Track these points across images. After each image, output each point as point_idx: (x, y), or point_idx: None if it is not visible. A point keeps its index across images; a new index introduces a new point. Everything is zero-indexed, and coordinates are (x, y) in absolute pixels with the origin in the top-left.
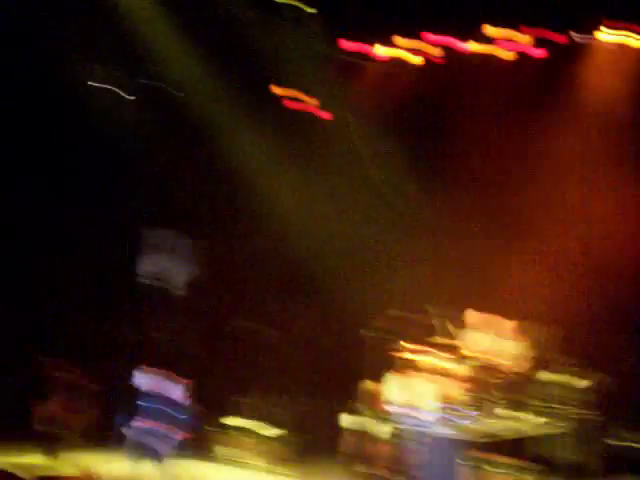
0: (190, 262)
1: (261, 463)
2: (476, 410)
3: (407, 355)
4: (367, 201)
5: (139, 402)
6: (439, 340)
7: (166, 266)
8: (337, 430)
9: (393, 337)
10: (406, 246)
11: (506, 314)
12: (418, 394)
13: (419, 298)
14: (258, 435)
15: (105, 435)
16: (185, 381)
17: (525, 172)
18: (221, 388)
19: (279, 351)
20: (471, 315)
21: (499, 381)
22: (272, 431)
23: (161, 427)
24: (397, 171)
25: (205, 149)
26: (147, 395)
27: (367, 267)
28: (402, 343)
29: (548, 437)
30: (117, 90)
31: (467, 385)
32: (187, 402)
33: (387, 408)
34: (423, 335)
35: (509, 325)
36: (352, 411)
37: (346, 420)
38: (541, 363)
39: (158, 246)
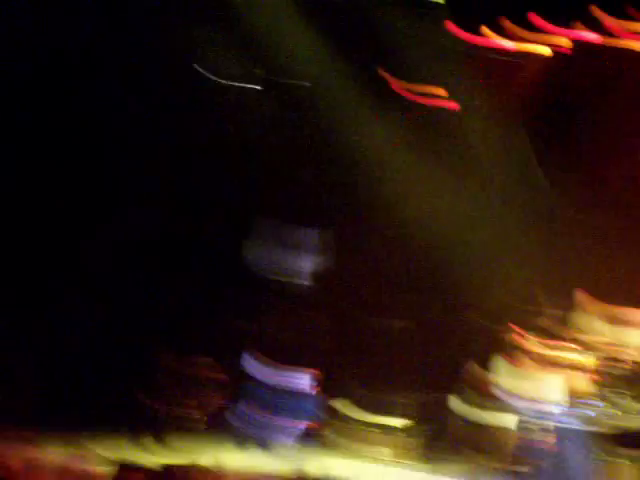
0: (315, 253)
1: (388, 456)
2: (602, 402)
3: (532, 347)
4: (496, 194)
5: (261, 394)
6: (564, 332)
7: (292, 258)
8: (459, 421)
9: (519, 329)
10: (534, 239)
11: (631, 304)
12: (543, 386)
13: (545, 290)
14: (385, 428)
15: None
16: (310, 371)
17: None
18: (348, 381)
19: (405, 343)
20: (595, 306)
21: (625, 372)
22: (398, 423)
23: (284, 419)
24: (527, 164)
25: (331, 140)
26: (269, 387)
27: (495, 260)
28: (527, 335)
29: None
30: (243, 85)
31: (592, 377)
32: (312, 392)
33: (509, 399)
34: (548, 327)
35: (634, 315)
36: (471, 402)
37: (464, 410)
38: None
39: (282, 238)
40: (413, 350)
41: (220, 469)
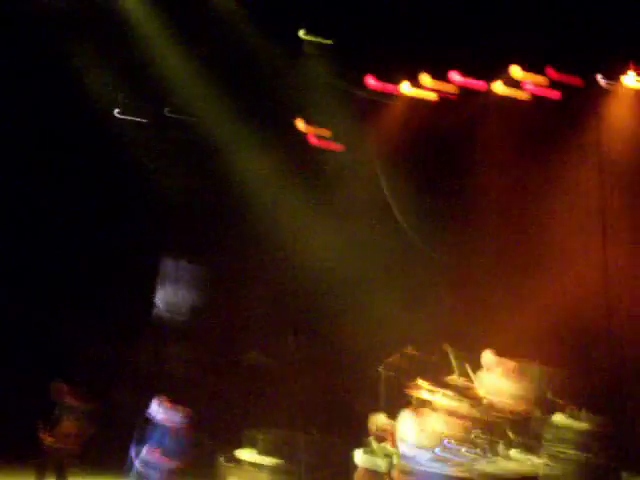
0: (193, 288)
1: None
2: (482, 450)
3: (421, 394)
4: (384, 238)
5: (148, 431)
6: (453, 380)
7: (173, 294)
8: (350, 466)
9: (408, 375)
10: (423, 284)
11: (511, 355)
12: (428, 433)
13: (435, 338)
14: (268, 469)
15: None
16: (183, 409)
17: (541, 211)
18: (233, 420)
19: (288, 384)
20: (486, 356)
21: (505, 421)
22: (282, 465)
23: (160, 456)
24: (416, 208)
25: (217, 176)
26: (153, 424)
27: (383, 304)
28: (417, 381)
29: (549, 478)
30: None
31: (474, 425)
32: (183, 430)
33: (399, 445)
34: (438, 374)
35: (512, 366)
36: (365, 448)
37: (359, 457)
38: (543, 404)
39: (168, 274)
40: (297, 393)
41: None
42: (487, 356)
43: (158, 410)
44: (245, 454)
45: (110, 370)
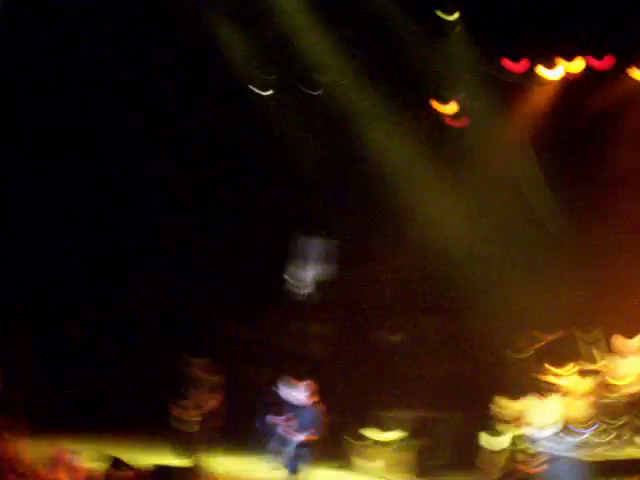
0: (323, 264)
1: (382, 470)
2: (608, 435)
3: (548, 377)
4: (517, 220)
5: (277, 407)
6: (581, 364)
7: (305, 269)
8: (475, 446)
9: (536, 359)
10: (555, 267)
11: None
12: (555, 417)
13: (565, 321)
14: (397, 447)
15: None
16: (311, 386)
17: None
18: (361, 399)
19: (418, 363)
20: (616, 340)
21: (633, 406)
22: (410, 444)
23: (291, 431)
24: (551, 191)
25: (351, 153)
26: (284, 401)
27: (514, 286)
28: (546, 365)
29: None
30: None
31: (601, 409)
32: (313, 405)
33: (525, 429)
34: (568, 358)
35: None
36: (492, 429)
37: (485, 439)
38: None
39: (299, 250)
40: (427, 371)
41: (213, 472)
42: (617, 340)
43: (287, 387)
44: (374, 433)
45: (240, 346)
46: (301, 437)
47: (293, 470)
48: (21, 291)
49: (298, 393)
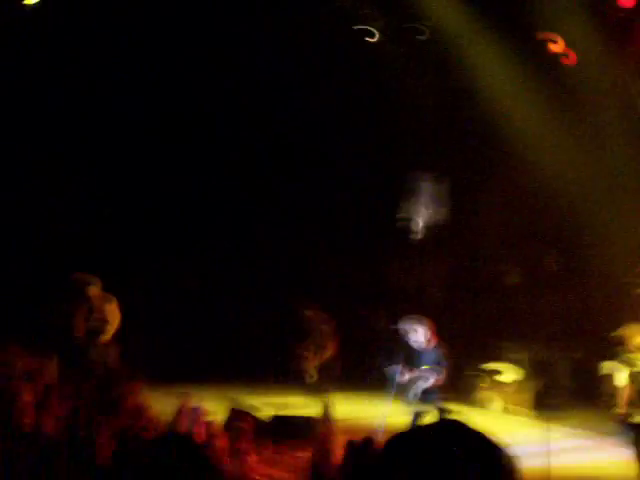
0: (434, 203)
1: (503, 407)
2: None
3: None
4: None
5: (398, 350)
6: None
7: (420, 210)
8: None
9: None
10: None
11: None
12: None
13: None
14: (514, 387)
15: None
16: (430, 324)
17: None
18: (481, 337)
19: (542, 301)
20: None
21: None
22: (528, 384)
23: (416, 372)
24: None
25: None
26: (404, 344)
27: (632, 218)
28: None
29: None
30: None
31: None
32: (434, 347)
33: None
34: None
35: None
36: (613, 358)
37: (608, 368)
38: None
39: (415, 191)
40: (527, 304)
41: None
42: None
43: (406, 329)
44: (494, 373)
45: (357, 290)
46: (425, 382)
47: (418, 415)
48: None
49: (418, 335)
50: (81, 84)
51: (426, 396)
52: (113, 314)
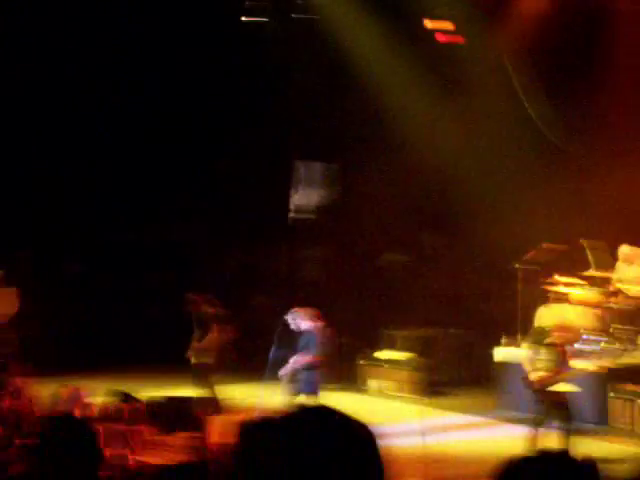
0: (324, 186)
1: (392, 390)
2: (621, 342)
3: (559, 288)
4: (516, 134)
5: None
6: (590, 273)
7: (305, 193)
8: (490, 362)
9: (546, 270)
10: (555, 178)
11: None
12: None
13: (569, 232)
14: (389, 362)
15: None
16: (315, 309)
17: None
18: (371, 321)
19: (425, 282)
20: (623, 248)
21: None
22: (417, 362)
23: (301, 359)
24: (547, 103)
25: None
26: (291, 328)
27: (516, 200)
28: (554, 276)
29: None
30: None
31: (613, 317)
32: (319, 328)
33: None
34: (576, 268)
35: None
36: (506, 344)
37: (499, 353)
38: None
39: (301, 176)
40: (417, 286)
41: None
42: (624, 248)
43: (294, 315)
44: (384, 353)
45: (246, 276)
46: (307, 360)
47: (306, 394)
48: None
49: (304, 319)
50: None
51: (310, 377)
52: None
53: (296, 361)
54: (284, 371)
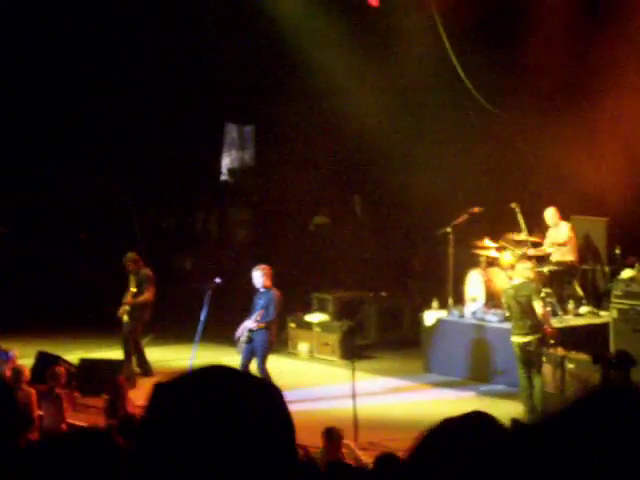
0: (253, 152)
1: (308, 352)
2: (552, 307)
3: (489, 252)
4: (444, 96)
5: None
6: (520, 237)
7: (234, 158)
8: (419, 326)
9: (476, 235)
10: (486, 140)
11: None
12: (497, 290)
13: (497, 195)
14: (321, 328)
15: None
16: (266, 268)
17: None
18: (301, 284)
19: (355, 246)
20: (549, 212)
21: (572, 277)
22: (351, 326)
23: (265, 317)
24: (475, 59)
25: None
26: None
27: (443, 162)
28: (484, 240)
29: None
30: None
31: (543, 282)
32: (268, 290)
33: (469, 304)
34: (504, 232)
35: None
36: (435, 308)
37: (429, 317)
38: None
39: (228, 139)
40: (335, 248)
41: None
42: (549, 212)
43: (261, 272)
44: (315, 317)
45: (173, 238)
46: (269, 319)
47: (262, 354)
48: None
49: (267, 277)
50: None
51: (261, 339)
52: None
53: (257, 320)
54: (241, 330)
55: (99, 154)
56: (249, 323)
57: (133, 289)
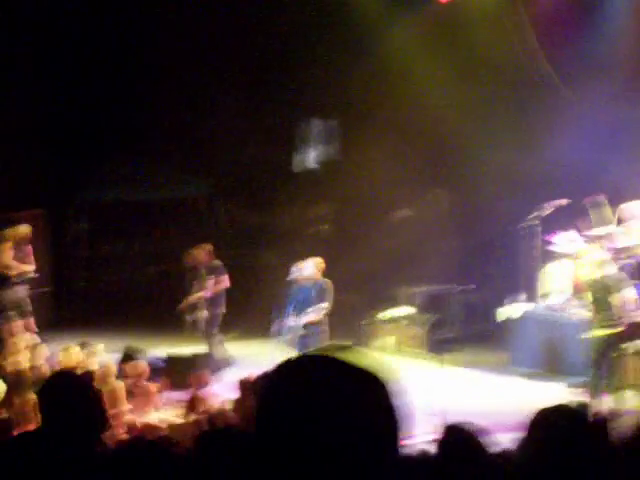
0: (323, 143)
1: (393, 346)
2: None
3: (564, 246)
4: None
5: (291, 292)
6: (595, 230)
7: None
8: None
9: (546, 227)
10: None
11: None
12: (582, 282)
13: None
14: (406, 322)
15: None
16: (317, 260)
17: None
18: (383, 278)
19: (427, 238)
20: (629, 206)
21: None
22: (419, 318)
23: (304, 315)
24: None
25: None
26: (295, 285)
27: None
28: (557, 234)
29: None
30: None
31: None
32: (318, 281)
33: (555, 296)
34: (579, 225)
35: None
36: (521, 300)
37: (515, 310)
38: None
39: (303, 134)
40: (416, 242)
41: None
42: (630, 206)
43: (296, 269)
44: (397, 310)
45: (257, 234)
46: (307, 315)
47: (303, 350)
48: None
49: (304, 270)
50: None
51: (314, 333)
52: None
53: (311, 314)
54: (293, 325)
55: (180, 151)
56: (302, 316)
57: (204, 282)
